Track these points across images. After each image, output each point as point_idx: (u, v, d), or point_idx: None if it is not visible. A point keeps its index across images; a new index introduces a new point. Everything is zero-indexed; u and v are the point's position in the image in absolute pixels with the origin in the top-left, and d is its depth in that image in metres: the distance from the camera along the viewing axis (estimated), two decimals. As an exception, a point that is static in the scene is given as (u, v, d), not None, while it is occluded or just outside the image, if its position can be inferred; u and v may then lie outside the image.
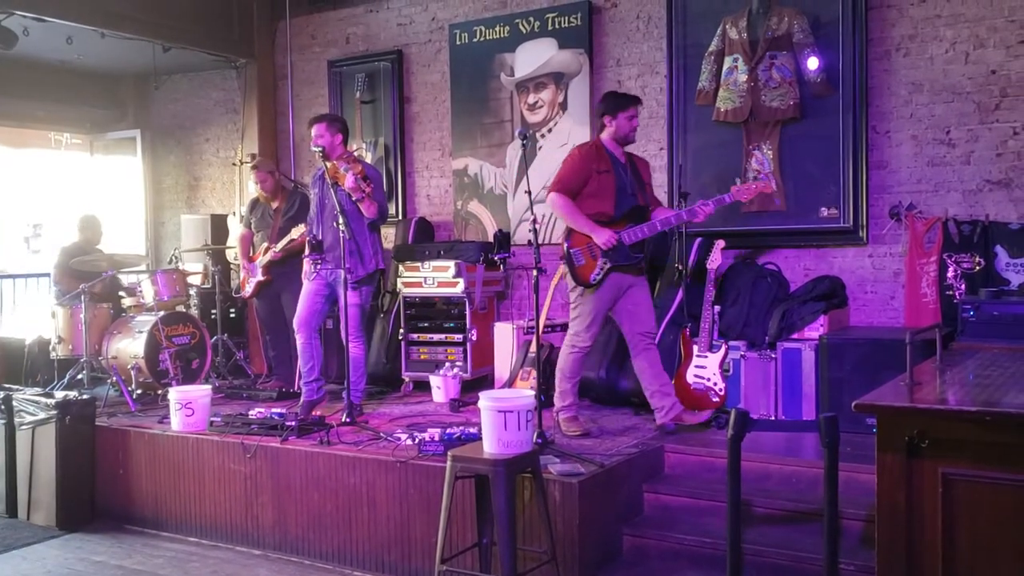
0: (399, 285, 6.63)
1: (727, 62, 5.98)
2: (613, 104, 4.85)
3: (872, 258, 5.62)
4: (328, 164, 5.37)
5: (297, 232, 6.10)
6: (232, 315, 7.64)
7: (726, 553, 2.98)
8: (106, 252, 7.05)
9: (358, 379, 5.50)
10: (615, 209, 4.70)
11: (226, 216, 8.14)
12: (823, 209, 5.69)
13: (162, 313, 6.34)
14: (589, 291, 4.70)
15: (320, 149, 5.34)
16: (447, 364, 6.27)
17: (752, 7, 5.87)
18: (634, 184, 4.81)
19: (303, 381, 5.61)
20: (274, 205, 6.59)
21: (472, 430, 4.49)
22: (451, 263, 6.39)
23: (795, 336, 5.18)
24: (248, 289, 6.63)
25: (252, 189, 6.88)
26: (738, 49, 5.94)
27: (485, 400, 3.71)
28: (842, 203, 5.60)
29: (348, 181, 5.21)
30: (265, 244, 6.48)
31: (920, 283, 5.35)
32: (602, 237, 4.61)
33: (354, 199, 5.28)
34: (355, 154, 5.73)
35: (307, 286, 5.53)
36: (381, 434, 4.84)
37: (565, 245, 4.73)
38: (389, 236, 7.01)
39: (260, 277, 6.50)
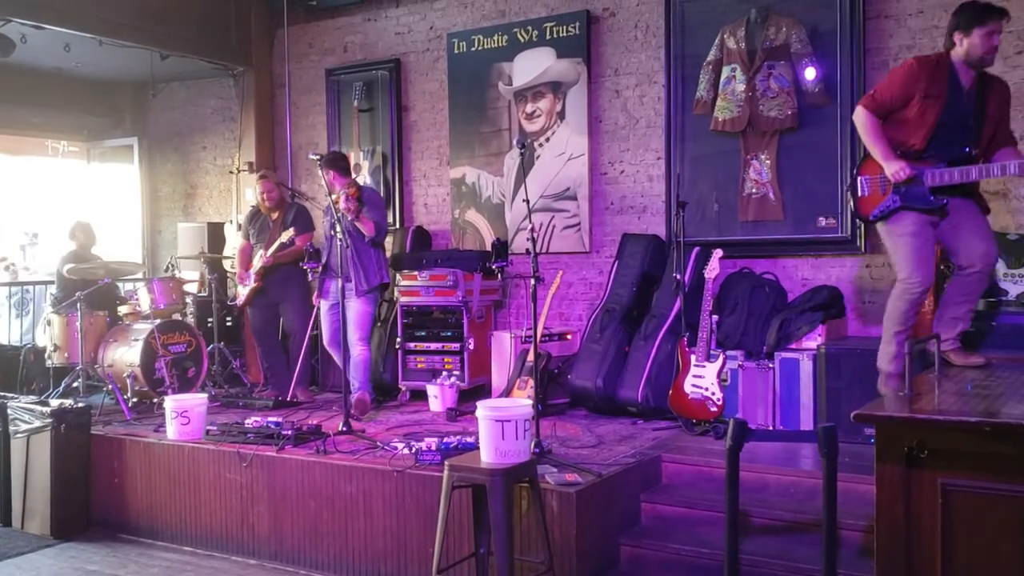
0: (396, 294, 6.63)
1: (725, 72, 5.99)
2: (967, 18, 3.89)
3: (870, 268, 5.62)
4: (332, 196, 5.67)
5: (286, 236, 6.11)
6: (228, 323, 7.62)
7: (723, 564, 2.97)
8: (103, 260, 7.04)
9: (365, 380, 5.85)
10: (925, 143, 3.90)
11: (223, 224, 8.13)
12: (821, 219, 5.69)
13: (158, 321, 6.32)
14: (880, 224, 4.01)
15: (317, 159, 5.58)
16: (444, 373, 6.25)
17: (750, 17, 5.89)
18: (972, 117, 3.91)
19: (357, 386, 5.84)
20: (274, 216, 6.57)
21: (469, 439, 4.47)
22: (449, 272, 6.39)
23: (793, 346, 5.17)
24: (241, 297, 6.59)
25: (250, 198, 6.85)
26: (736, 59, 5.95)
27: (482, 409, 3.69)
28: (840, 213, 5.61)
29: (341, 201, 5.61)
30: (260, 252, 6.47)
31: (918, 293, 5.32)
32: (892, 167, 3.86)
33: (349, 218, 5.63)
34: (355, 182, 6.05)
35: (322, 307, 6.01)
36: (378, 443, 4.82)
37: (854, 171, 4.13)
38: (387, 245, 7.00)
39: (253, 284, 6.46)
